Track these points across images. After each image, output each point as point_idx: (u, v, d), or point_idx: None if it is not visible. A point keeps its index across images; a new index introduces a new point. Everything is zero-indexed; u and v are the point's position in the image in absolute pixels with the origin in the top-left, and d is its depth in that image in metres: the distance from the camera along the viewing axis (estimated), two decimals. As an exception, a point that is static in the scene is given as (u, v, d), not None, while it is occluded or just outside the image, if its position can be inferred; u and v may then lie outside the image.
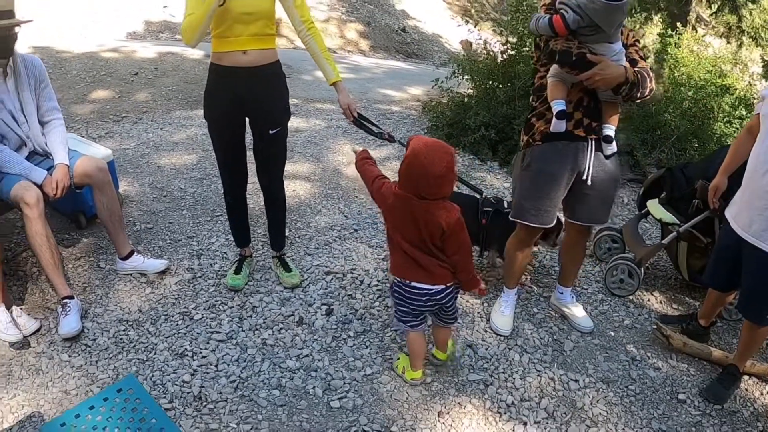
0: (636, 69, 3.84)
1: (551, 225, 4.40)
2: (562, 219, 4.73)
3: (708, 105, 8.05)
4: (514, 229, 4.56)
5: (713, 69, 8.50)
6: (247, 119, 4.47)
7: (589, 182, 4.12)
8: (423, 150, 3.33)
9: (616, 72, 3.72)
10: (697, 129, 7.89)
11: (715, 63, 8.78)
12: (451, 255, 3.56)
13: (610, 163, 4.16)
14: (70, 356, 4.12)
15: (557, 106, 3.91)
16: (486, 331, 4.67)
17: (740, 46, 15.15)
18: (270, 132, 4.42)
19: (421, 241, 3.53)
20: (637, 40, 4.10)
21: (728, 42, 15.38)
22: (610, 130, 4.04)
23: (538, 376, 4.29)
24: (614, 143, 4.07)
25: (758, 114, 3.91)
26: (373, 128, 4.76)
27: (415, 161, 3.34)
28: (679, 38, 8.82)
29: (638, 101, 4.24)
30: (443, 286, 3.68)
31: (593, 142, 4.06)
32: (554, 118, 3.93)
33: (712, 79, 8.25)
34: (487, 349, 4.48)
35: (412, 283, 3.67)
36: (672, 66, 8.45)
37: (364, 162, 3.91)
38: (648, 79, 3.88)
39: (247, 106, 4.33)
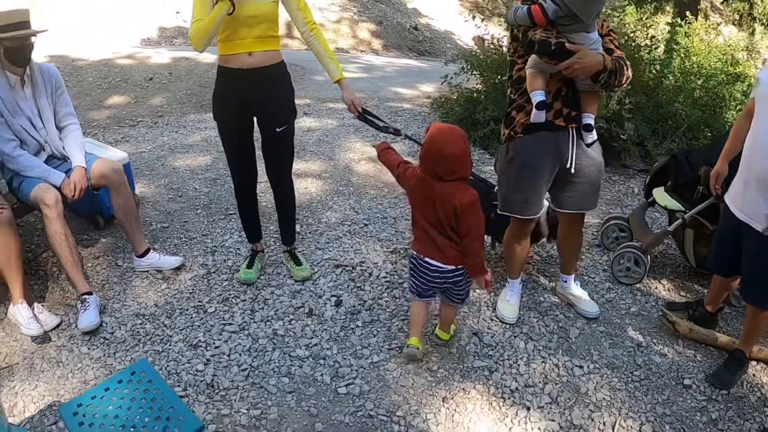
0: (613, 57, 3.89)
1: (539, 215, 4.46)
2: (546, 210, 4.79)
3: (719, 93, 8.03)
4: None
5: (724, 57, 8.49)
6: (255, 119, 4.61)
7: (573, 170, 4.17)
8: (437, 133, 3.63)
9: (595, 60, 3.77)
10: (708, 118, 7.86)
11: (726, 51, 8.77)
12: (463, 237, 3.73)
13: (592, 151, 4.21)
14: (89, 349, 4.29)
15: (537, 97, 3.95)
16: (492, 320, 4.74)
17: (752, 33, 15.17)
18: (277, 130, 4.55)
19: (438, 222, 3.74)
20: (612, 30, 4.15)
21: (740, 29, 15.39)
22: (589, 118, 4.09)
23: (542, 362, 4.35)
24: (594, 132, 4.12)
25: (754, 98, 3.93)
26: (378, 123, 4.88)
27: (431, 144, 3.62)
28: (689, 27, 8.81)
29: (616, 89, 4.28)
30: (454, 267, 3.86)
31: (574, 131, 4.11)
32: (534, 109, 3.98)
33: (724, 68, 8.23)
34: (492, 337, 4.55)
35: (426, 259, 3.89)
36: (683, 56, 8.44)
37: (385, 152, 4.13)
38: (625, 67, 3.94)
39: (253, 106, 4.47)
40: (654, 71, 8.00)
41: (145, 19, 15.08)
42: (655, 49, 8.24)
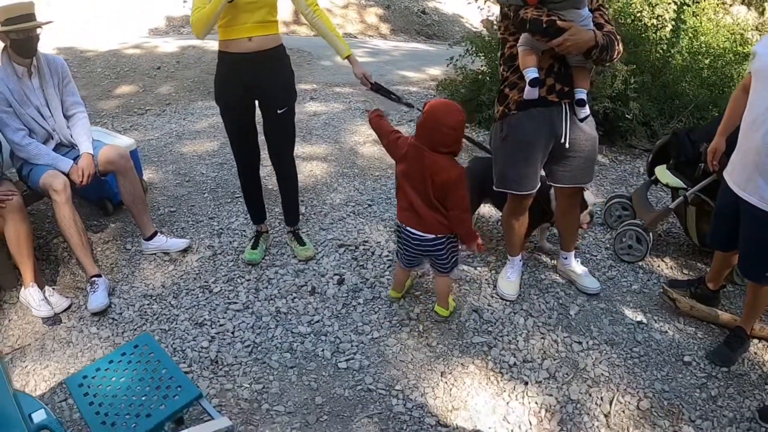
0: (604, 32, 3.90)
1: (535, 190, 4.44)
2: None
3: (728, 73, 7.96)
4: None
5: (732, 37, 8.42)
6: (256, 102, 4.70)
7: (567, 145, 4.19)
8: (438, 105, 3.79)
9: (586, 36, 3.78)
10: (716, 97, 7.77)
11: (735, 30, 8.71)
12: (450, 209, 3.86)
13: (586, 125, 4.23)
14: (98, 329, 4.41)
15: (530, 73, 3.97)
16: (492, 297, 4.79)
17: (762, 12, 15.06)
18: (278, 112, 4.65)
19: (425, 192, 3.86)
20: (602, 5, 4.15)
21: (749, 9, 15.27)
22: (582, 93, 4.09)
23: (541, 338, 4.39)
24: (587, 107, 4.13)
25: (750, 72, 3.90)
26: (391, 95, 4.96)
27: (430, 114, 3.75)
28: (696, 6, 8.74)
29: (607, 64, 4.29)
30: (434, 236, 3.98)
31: (567, 106, 4.13)
32: (527, 85, 3.99)
33: (732, 47, 8.15)
34: (492, 314, 4.60)
35: (408, 228, 4.04)
36: (691, 36, 8.38)
37: (378, 119, 4.21)
38: (616, 42, 3.94)
39: (254, 89, 4.56)
40: (660, 51, 7.99)
41: (151, 9, 15.18)
42: (662, 28, 8.20)
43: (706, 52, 8.22)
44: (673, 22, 7.90)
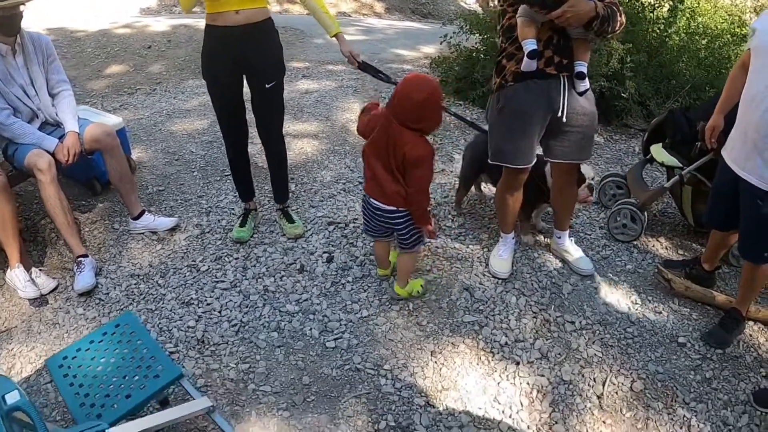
0: (605, 3, 3.81)
1: (530, 165, 4.37)
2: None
3: (725, 54, 7.93)
4: None
5: (730, 18, 8.39)
6: (244, 77, 4.64)
7: (564, 119, 4.11)
8: (412, 78, 3.68)
9: (587, 7, 3.70)
10: (713, 78, 7.73)
11: (733, 12, 8.67)
12: (408, 186, 3.79)
13: (585, 100, 4.15)
14: (84, 309, 4.36)
15: (529, 45, 3.89)
16: (484, 275, 4.75)
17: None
18: (266, 86, 4.59)
19: (387, 162, 3.79)
20: None
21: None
22: (582, 66, 4.02)
23: (533, 317, 4.36)
24: (587, 80, 4.06)
25: (749, 49, 3.84)
26: (379, 73, 4.94)
27: (402, 86, 3.66)
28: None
29: (609, 36, 4.23)
30: (394, 208, 3.92)
31: (566, 79, 4.05)
32: (525, 57, 3.92)
33: (730, 28, 8.14)
34: (483, 292, 4.56)
35: (371, 199, 3.99)
36: (688, 16, 8.31)
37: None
38: (618, 13, 3.85)
39: (242, 63, 4.49)
40: (657, 30, 7.94)
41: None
42: (659, 8, 8.17)
43: (703, 32, 8.19)
44: (670, 2, 7.88)
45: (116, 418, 2.92)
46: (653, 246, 5.30)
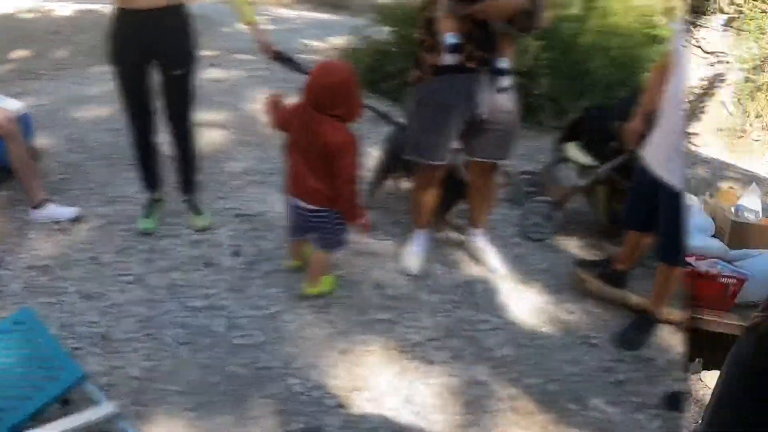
0: None
1: (444, 162, 4.37)
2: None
3: (636, 54, 8.09)
4: None
5: (641, 18, 8.54)
6: (153, 62, 4.51)
7: (484, 116, 4.12)
8: (324, 63, 3.79)
9: (511, 2, 3.73)
10: (626, 78, 7.85)
11: (644, 13, 8.80)
12: (335, 178, 3.72)
13: (506, 97, 4.17)
14: (-21, 305, 4.19)
15: (449, 39, 3.90)
16: (396, 271, 4.73)
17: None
18: (175, 73, 4.50)
19: (310, 156, 3.74)
20: None
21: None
22: (503, 62, 4.05)
23: (446, 316, 4.35)
24: (509, 77, 4.09)
25: (669, 51, 3.93)
26: (293, 64, 4.92)
27: (315, 72, 3.68)
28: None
29: (534, 31, 4.22)
30: (317, 208, 3.85)
31: (487, 74, 4.05)
32: (446, 51, 3.92)
33: (641, 29, 8.31)
34: (396, 289, 4.54)
35: (293, 199, 3.96)
36: (601, 15, 8.43)
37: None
38: (542, 8, 3.87)
39: (151, 48, 4.37)
40: (570, 28, 8.00)
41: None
42: (570, 5, 8.25)
43: (615, 32, 8.27)
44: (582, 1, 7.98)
45: (16, 422, 2.81)
46: (566, 245, 5.35)
